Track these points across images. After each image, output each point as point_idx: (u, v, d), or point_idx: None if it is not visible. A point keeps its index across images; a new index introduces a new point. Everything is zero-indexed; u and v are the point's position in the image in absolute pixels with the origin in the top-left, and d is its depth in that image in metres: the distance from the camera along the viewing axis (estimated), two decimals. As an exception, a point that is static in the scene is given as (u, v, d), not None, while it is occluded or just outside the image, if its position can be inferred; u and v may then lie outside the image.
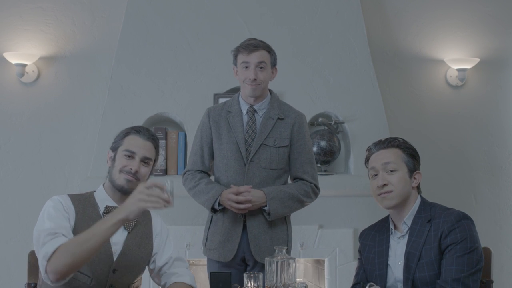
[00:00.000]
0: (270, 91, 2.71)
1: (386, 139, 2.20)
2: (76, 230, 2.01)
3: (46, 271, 1.89)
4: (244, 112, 2.64)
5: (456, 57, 3.85)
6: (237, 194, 2.52)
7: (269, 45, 2.65)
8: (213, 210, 2.61)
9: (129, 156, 2.10)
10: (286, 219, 2.68)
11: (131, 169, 2.09)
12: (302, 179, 2.66)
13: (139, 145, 2.12)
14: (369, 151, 2.21)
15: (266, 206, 2.57)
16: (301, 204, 2.65)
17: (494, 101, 3.95)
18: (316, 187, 2.69)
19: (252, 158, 2.58)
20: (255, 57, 2.56)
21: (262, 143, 2.59)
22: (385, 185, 2.11)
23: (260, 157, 2.59)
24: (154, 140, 2.17)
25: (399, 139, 2.19)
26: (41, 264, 1.91)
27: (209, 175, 2.73)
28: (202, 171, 2.70)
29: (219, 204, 2.57)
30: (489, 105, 3.95)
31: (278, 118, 2.63)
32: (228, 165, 2.61)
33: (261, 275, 2.16)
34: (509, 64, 3.97)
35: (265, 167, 2.60)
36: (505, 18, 3.96)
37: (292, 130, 2.64)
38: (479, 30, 3.93)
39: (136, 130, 2.15)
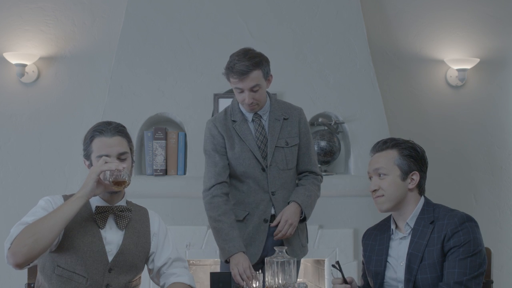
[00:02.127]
0: (267, 93, 2.68)
1: (382, 141, 2.18)
2: (67, 229, 2.01)
3: (7, 256, 1.90)
4: (250, 119, 2.62)
5: (456, 57, 3.85)
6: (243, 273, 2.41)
7: (259, 57, 2.52)
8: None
9: None
10: None
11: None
12: (312, 172, 2.71)
13: (108, 144, 2.07)
14: (370, 153, 2.21)
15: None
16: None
17: (494, 101, 3.95)
18: (321, 176, 2.77)
19: (270, 162, 2.59)
20: (247, 83, 2.48)
21: (276, 146, 2.60)
22: (376, 190, 2.12)
23: (277, 159, 2.60)
24: (120, 131, 2.11)
25: (398, 139, 2.17)
26: (5, 248, 1.92)
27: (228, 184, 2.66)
28: (225, 183, 2.60)
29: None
30: (489, 105, 3.95)
31: (284, 119, 2.64)
32: (247, 173, 2.59)
33: (261, 275, 2.16)
34: (509, 64, 3.97)
35: (283, 169, 2.61)
36: (505, 18, 3.96)
37: (299, 127, 2.66)
38: (479, 30, 3.93)
39: (98, 131, 2.09)
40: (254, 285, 2.24)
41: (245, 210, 2.61)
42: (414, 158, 2.13)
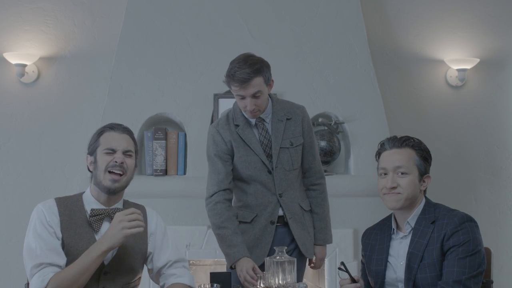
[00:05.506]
0: (269, 95, 2.66)
1: (402, 138, 2.16)
2: (65, 241, 2.02)
3: None
4: (253, 123, 2.61)
5: (456, 57, 3.85)
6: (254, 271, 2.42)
7: (260, 64, 2.47)
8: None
9: (110, 153, 2.09)
10: None
11: (116, 161, 2.07)
12: (316, 170, 2.73)
13: (117, 139, 2.11)
14: (382, 147, 2.18)
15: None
16: None
17: (494, 101, 3.95)
18: (324, 177, 2.79)
19: (276, 164, 2.59)
20: (249, 90, 2.45)
21: (280, 147, 2.60)
22: (394, 187, 2.10)
23: (283, 160, 2.60)
24: (129, 132, 2.17)
25: (414, 139, 2.16)
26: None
27: (231, 191, 2.66)
28: (228, 190, 2.60)
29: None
30: (489, 105, 3.95)
31: (287, 119, 2.64)
32: (254, 176, 2.59)
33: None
34: (509, 64, 3.97)
35: (289, 169, 2.61)
36: (505, 18, 3.96)
37: (302, 125, 2.66)
38: (479, 30, 3.93)
39: (109, 127, 2.14)
40: (262, 285, 2.24)
41: (253, 212, 2.61)
42: (428, 162, 2.15)
